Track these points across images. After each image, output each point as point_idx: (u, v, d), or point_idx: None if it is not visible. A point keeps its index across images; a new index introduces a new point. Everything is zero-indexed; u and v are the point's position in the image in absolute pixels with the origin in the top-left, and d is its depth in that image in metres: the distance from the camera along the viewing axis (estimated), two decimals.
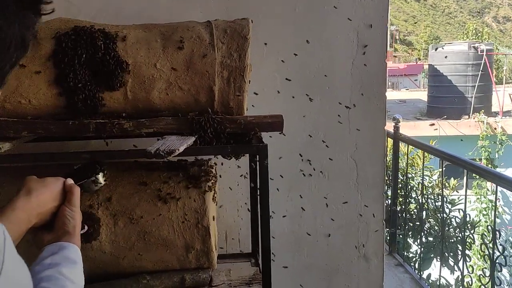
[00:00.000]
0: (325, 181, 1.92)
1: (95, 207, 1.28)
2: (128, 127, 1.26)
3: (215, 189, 1.43)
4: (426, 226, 4.11)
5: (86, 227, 1.16)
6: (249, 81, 1.47)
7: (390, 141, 3.55)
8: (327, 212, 1.94)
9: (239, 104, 1.40)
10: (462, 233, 2.80)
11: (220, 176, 1.79)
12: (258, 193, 1.44)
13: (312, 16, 1.81)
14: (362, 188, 1.92)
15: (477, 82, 8.87)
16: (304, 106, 1.86)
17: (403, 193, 3.75)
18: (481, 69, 8.91)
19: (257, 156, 1.38)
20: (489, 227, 3.12)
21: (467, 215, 2.76)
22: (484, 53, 8.96)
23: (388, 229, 3.36)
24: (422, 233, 3.70)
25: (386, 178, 3.85)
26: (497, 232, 2.38)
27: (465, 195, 2.56)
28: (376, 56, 1.84)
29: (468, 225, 4.52)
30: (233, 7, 1.76)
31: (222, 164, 1.77)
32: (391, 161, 3.66)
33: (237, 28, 1.43)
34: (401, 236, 3.63)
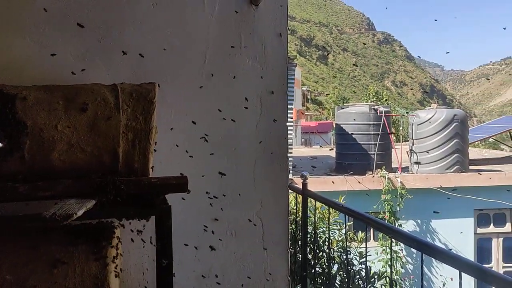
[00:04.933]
0: (233, 239, 1.96)
1: None
2: (23, 191, 1.21)
3: (117, 253, 1.40)
4: (338, 279, 4.26)
5: None
6: (155, 142, 1.50)
7: (300, 197, 3.69)
8: (235, 271, 1.96)
9: (144, 166, 1.42)
10: (365, 285, 2.95)
11: (125, 237, 1.75)
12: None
13: (218, 82, 1.91)
14: (268, 245, 1.98)
15: (378, 140, 9.66)
16: (211, 166, 1.91)
17: (313, 248, 3.87)
18: (381, 128, 9.74)
19: (161, 218, 1.39)
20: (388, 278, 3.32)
21: (369, 267, 2.91)
22: (383, 114, 9.85)
23: (299, 285, 3.43)
24: (333, 287, 3.82)
25: (297, 233, 3.98)
26: (394, 282, 2.53)
27: (366, 248, 2.72)
28: (278, 119, 1.98)
29: (376, 276, 4.76)
30: (140, 71, 1.81)
31: (125, 226, 1.74)
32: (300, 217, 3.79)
33: (143, 92, 1.48)
34: None
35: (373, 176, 8.98)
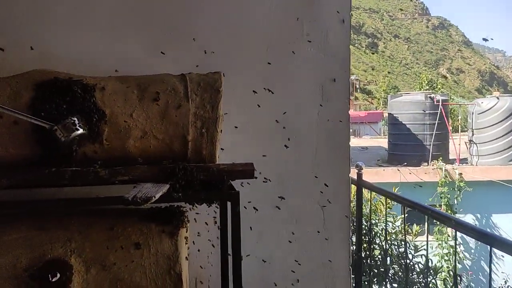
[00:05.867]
0: (294, 226, 1.98)
1: (68, 254, 1.27)
2: (104, 175, 1.29)
3: (186, 235, 1.46)
4: (390, 272, 4.19)
5: (58, 275, 1.16)
6: (221, 131, 1.54)
7: (354, 188, 3.65)
8: (296, 258, 1.98)
9: (212, 153, 1.46)
10: (425, 279, 2.88)
11: (191, 222, 1.81)
12: (230, 240, 1.47)
13: (280, 71, 1.92)
14: (329, 233, 1.98)
15: (434, 130, 9.33)
16: (272, 153, 1.94)
17: (367, 239, 3.83)
18: (437, 118, 9.40)
19: (229, 203, 1.43)
20: (451, 272, 3.22)
21: (429, 260, 2.84)
22: (440, 103, 9.49)
23: (353, 276, 3.41)
24: (387, 279, 3.76)
25: (351, 225, 3.95)
26: (458, 278, 2.45)
27: (427, 241, 2.65)
28: (339, 107, 1.96)
29: (431, 270, 4.64)
30: (204, 61, 1.85)
31: (192, 210, 1.79)
32: (355, 208, 3.75)
33: (210, 81, 1.52)
34: (366, 282, 3.67)
35: (432, 168, 8.68)
